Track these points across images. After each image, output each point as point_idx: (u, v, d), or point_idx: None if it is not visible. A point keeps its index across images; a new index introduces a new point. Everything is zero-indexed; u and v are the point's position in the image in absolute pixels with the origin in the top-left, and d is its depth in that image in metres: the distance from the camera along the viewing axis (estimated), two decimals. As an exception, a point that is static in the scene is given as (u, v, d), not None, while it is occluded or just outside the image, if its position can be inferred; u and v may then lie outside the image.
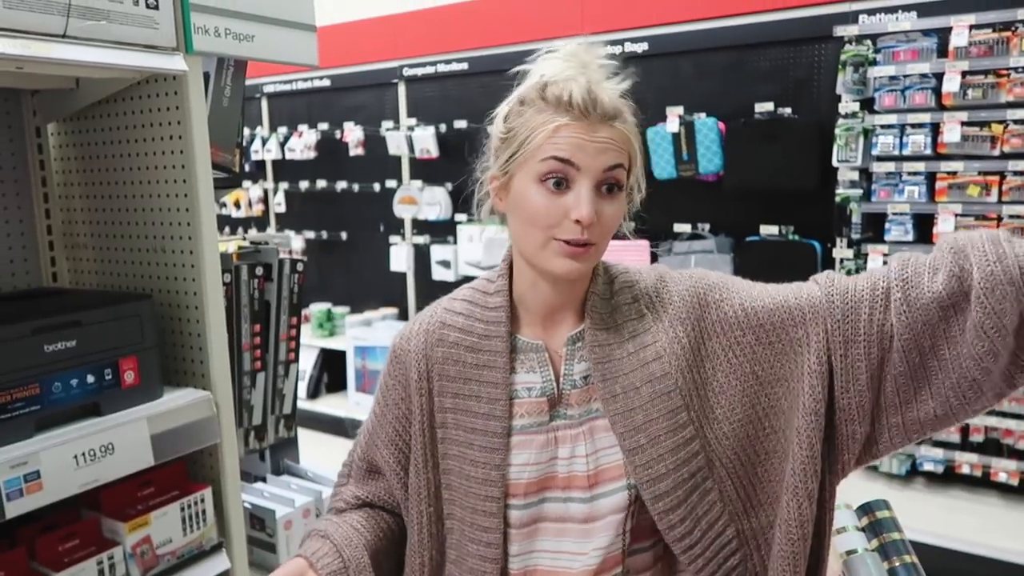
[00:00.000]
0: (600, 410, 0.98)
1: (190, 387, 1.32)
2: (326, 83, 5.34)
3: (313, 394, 5.27)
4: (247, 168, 5.68)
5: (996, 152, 3.08)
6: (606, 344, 0.99)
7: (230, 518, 1.35)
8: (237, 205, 5.79)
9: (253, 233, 1.56)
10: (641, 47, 4.02)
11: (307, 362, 5.26)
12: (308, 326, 5.37)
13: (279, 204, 5.66)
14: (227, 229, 5.82)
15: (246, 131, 5.66)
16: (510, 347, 1.01)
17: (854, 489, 1.00)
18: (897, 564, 0.91)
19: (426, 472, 1.05)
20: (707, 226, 3.92)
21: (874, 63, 3.31)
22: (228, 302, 1.39)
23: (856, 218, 3.42)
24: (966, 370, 0.86)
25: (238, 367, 1.45)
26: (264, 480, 1.75)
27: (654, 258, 3.97)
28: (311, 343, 5.26)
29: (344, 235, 5.46)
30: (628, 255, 4.00)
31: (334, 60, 5.12)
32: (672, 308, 1.00)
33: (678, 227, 3.95)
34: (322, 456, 1.91)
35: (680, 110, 3.84)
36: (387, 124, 5.00)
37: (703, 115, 3.81)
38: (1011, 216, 3.07)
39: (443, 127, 4.75)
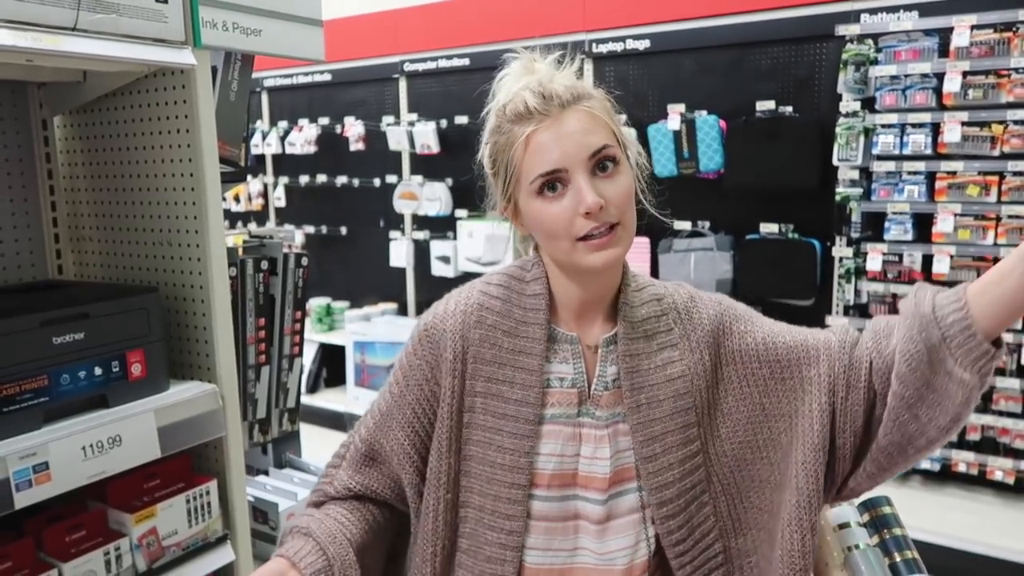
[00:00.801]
0: (623, 415, 1.01)
1: (196, 380, 1.32)
2: (327, 77, 5.33)
3: (312, 388, 5.28)
4: (249, 162, 5.67)
5: (996, 152, 3.09)
6: (637, 354, 1.01)
7: (235, 511, 1.36)
8: (237, 199, 5.79)
9: (253, 227, 1.56)
10: (643, 44, 4.02)
11: (306, 357, 5.25)
12: (307, 321, 5.36)
13: (279, 198, 5.66)
14: (226, 223, 5.81)
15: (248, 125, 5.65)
16: (547, 335, 1.02)
17: None
18: (898, 559, 0.92)
19: (448, 457, 1.03)
20: (707, 224, 3.93)
21: (875, 62, 3.32)
22: (233, 296, 1.40)
23: (856, 217, 3.43)
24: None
25: (243, 360, 1.46)
26: (267, 473, 1.75)
27: (654, 256, 3.98)
28: (310, 338, 5.26)
29: (344, 230, 5.46)
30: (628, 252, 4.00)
31: (335, 55, 5.11)
32: (700, 330, 1.04)
33: (678, 225, 3.96)
34: (321, 450, 1.91)
35: (681, 107, 3.84)
36: (388, 119, 5.00)
37: (704, 113, 3.82)
38: (1010, 216, 3.08)
39: (444, 123, 4.75)
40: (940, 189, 3.21)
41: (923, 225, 3.30)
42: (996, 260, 3.11)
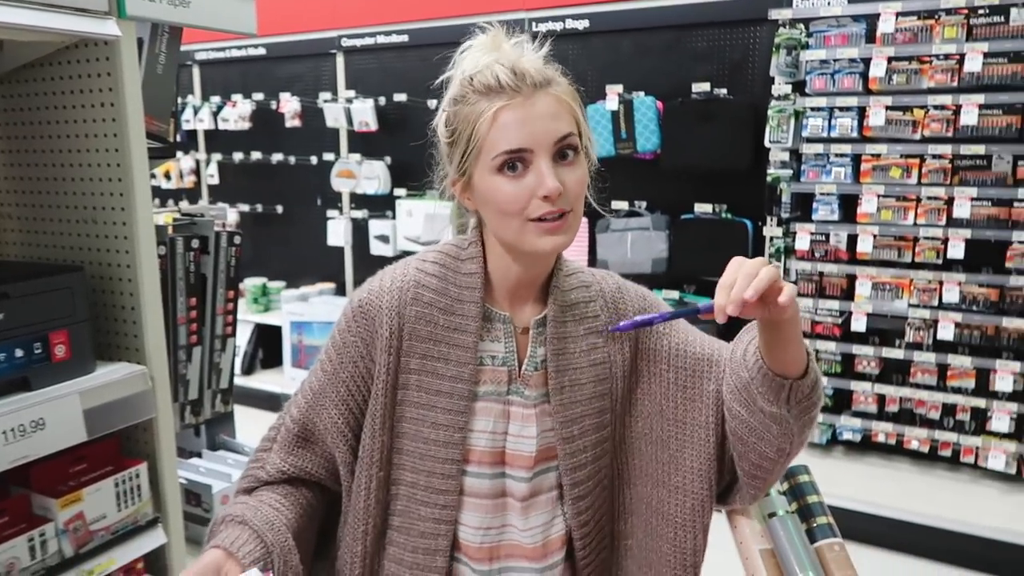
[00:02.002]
0: (548, 396, 1.03)
1: (124, 361, 1.29)
2: (261, 52, 5.20)
3: (248, 370, 5.19)
4: (179, 138, 5.49)
5: (917, 136, 3.22)
6: (565, 336, 1.04)
7: (166, 493, 1.34)
8: (167, 176, 5.61)
9: (184, 205, 1.53)
10: (582, 24, 4.04)
11: (242, 337, 5.16)
12: (243, 301, 5.26)
13: (212, 176, 5.51)
14: (156, 201, 5.64)
15: (178, 100, 5.47)
16: (481, 314, 1.03)
17: None
18: (815, 525, 0.97)
19: (382, 435, 1.03)
20: (644, 204, 3.99)
21: (806, 47, 3.41)
22: (163, 275, 1.36)
23: (786, 197, 3.53)
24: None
25: (174, 341, 1.43)
26: (200, 455, 1.73)
27: (592, 235, 4.02)
28: (245, 318, 5.16)
29: (280, 208, 5.36)
30: (567, 231, 4.04)
31: (270, 28, 4.98)
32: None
33: (616, 204, 4.01)
34: (257, 432, 1.88)
35: (619, 88, 3.88)
36: (325, 96, 4.90)
37: (641, 94, 3.87)
38: (929, 198, 3.22)
39: (383, 100, 4.69)
40: (865, 171, 3.33)
41: (849, 206, 3.42)
42: (916, 240, 3.26)
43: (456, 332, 1.02)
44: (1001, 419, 3.17)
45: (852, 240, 3.39)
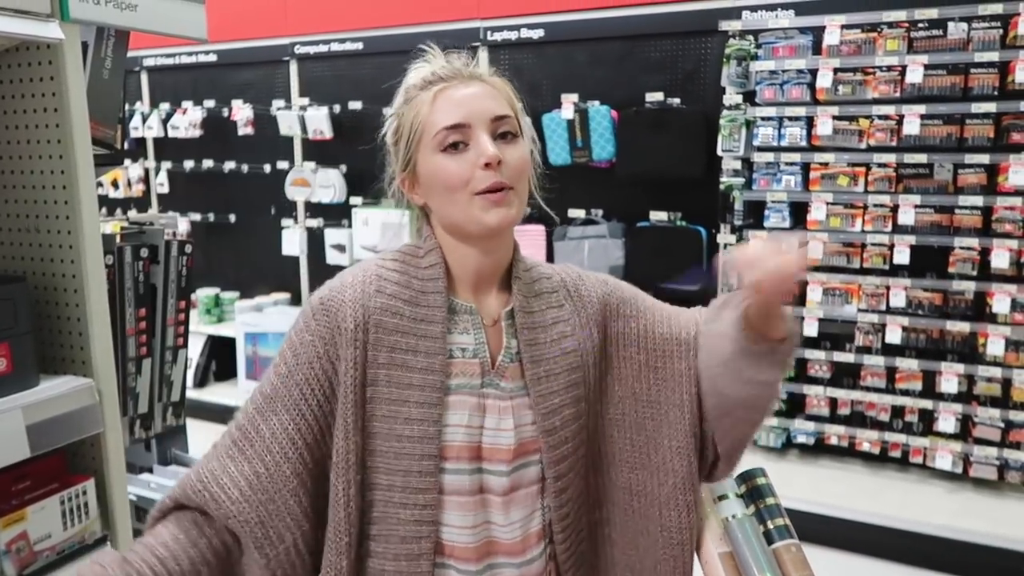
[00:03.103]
0: (525, 387, 1.03)
1: (70, 375, 1.25)
2: (212, 58, 5.11)
3: (200, 382, 5.07)
4: (127, 146, 5.36)
5: (863, 145, 3.31)
6: (534, 327, 1.04)
7: (115, 510, 1.29)
8: (115, 185, 5.48)
9: (133, 214, 1.48)
10: (537, 33, 4.06)
11: (194, 349, 5.05)
12: (195, 312, 5.15)
13: (162, 184, 5.39)
14: (104, 210, 5.49)
15: (125, 106, 5.34)
16: (447, 305, 1.02)
17: None
18: (771, 527, 0.98)
19: (355, 436, 0.98)
20: (600, 211, 4.02)
21: (756, 57, 3.48)
22: (111, 285, 1.33)
23: (739, 205, 3.60)
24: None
25: (122, 353, 1.39)
26: (151, 471, 1.68)
27: (549, 243, 4.04)
28: (198, 330, 5.05)
29: (233, 218, 5.26)
30: (523, 240, 4.05)
31: (221, 35, 4.90)
32: (590, 307, 1.08)
33: (572, 212, 4.03)
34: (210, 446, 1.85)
35: (575, 97, 3.91)
36: (278, 103, 4.84)
37: (597, 103, 3.90)
38: (875, 205, 3.31)
39: (337, 108, 4.65)
40: (814, 179, 3.41)
41: (799, 213, 3.50)
42: (864, 246, 3.34)
43: (423, 323, 1.00)
44: (947, 420, 3.27)
45: (803, 247, 3.46)
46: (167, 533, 0.98)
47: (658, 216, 3.87)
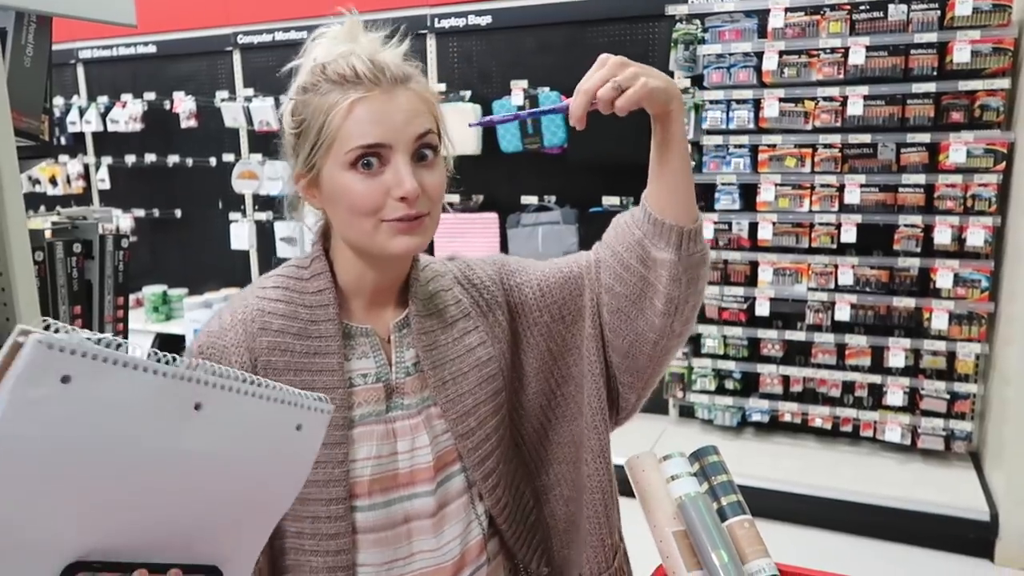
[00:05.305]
0: (432, 397, 0.98)
1: None
2: (152, 49, 4.96)
3: (150, 383, 4.95)
4: (64, 141, 5.19)
5: (809, 127, 3.36)
6: (432, 330, 0.98)
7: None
8: (53, 182, 5.29)
9: (65, 209, 1.43)
10: (485, 20, 4.03)
11: (142, 348, 4.91)
12: (142, 310, 5.02)
13: (103, 180, 5.23)
14: (43, 207, 5.31)
15: (60, 100, 5.17)
16: (341, 332, 0.94)
17: (691, 442, 1.10)
18: (724, 503, 0.98)
19: None
20: (553, 198, 4.02)
21: (703, 41, 3.50)
22: (42, 282, 1.27)
23: (689, 189, 3.62)
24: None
25: (57, 353, 1.33)
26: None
27: (503, 231, 4.02)
28: (146, 328, 4.92)
29: (178, 212, 5.13)
30: (476, 228, 4.03)
31: (160, 25, 4.76)
32: (487, 293, 1.04)
33: (525, 199, 4.02)
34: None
35: (524, 84, 3.90)
36: (222, 95, 4.72)
37: (546, 89, 3.89)
38: (822, 185, 3.37)
39: (284, 98, 4.55)
40: (762, 161, 3.45)
41: (749, 195, 3.54)
42: (812, 226, 3.39)
43: (317, 356, 0.92)
44: (895, 394, 3.35)
45: (753, 228, 3.51)
46: None
47: (611, 201, 3.88)
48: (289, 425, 0.64)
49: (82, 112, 5.12)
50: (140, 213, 5.18)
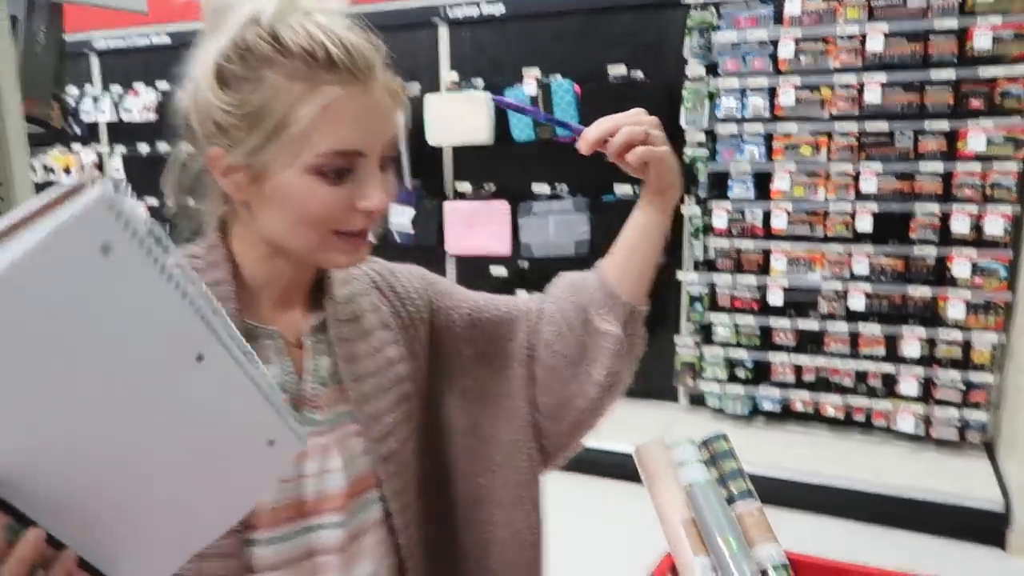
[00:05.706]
0: (351, 413, 0.85)
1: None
2: (165, 40, 4.97)
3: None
4: (78, 131, 5.22)
5: (825, 114, 3.32)
6: (351, 338, 0.86)
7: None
8: (67, 171, 5.33)
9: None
10: (498, 9, 4.00)
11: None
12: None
13: (117, 169, 5.26)
14: (59, 197, 5.34)
15: (75, 90, 5.20)
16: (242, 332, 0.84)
17: (701, 430, 1.08)
18: (734, 491, 0.98)
19: None
20: (565, 186, 4.00)
21: (717, 29, 3.47)
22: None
23: (703, 177, 3.60)
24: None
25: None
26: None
27: (515, 219, 4.01)
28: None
29: (192, 202, 5.15)
30: (487, 216, 4.02)
31: (174, 15, 4.77)
32: (411, 305, 0.94)
33: (537, 188, 4.01)
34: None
35: (537, 72, 3.88)
36: (235, 83, 4.73)
37: (559, 77, 3.87)
38: (838, 174, 3.33)
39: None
40: (777, 149, 3.42)
41: (763, 183, 3.51)
42: (827, 214, 3.37)
43: None
44: (909, 383, 3.32)
45: (767, 216, 3.48)
46: None
47: (623, 190, 3.86)
48: (262, 434, 0.60)
49: (96, 102, 5.15)
50: (154, 202, 5.21)
